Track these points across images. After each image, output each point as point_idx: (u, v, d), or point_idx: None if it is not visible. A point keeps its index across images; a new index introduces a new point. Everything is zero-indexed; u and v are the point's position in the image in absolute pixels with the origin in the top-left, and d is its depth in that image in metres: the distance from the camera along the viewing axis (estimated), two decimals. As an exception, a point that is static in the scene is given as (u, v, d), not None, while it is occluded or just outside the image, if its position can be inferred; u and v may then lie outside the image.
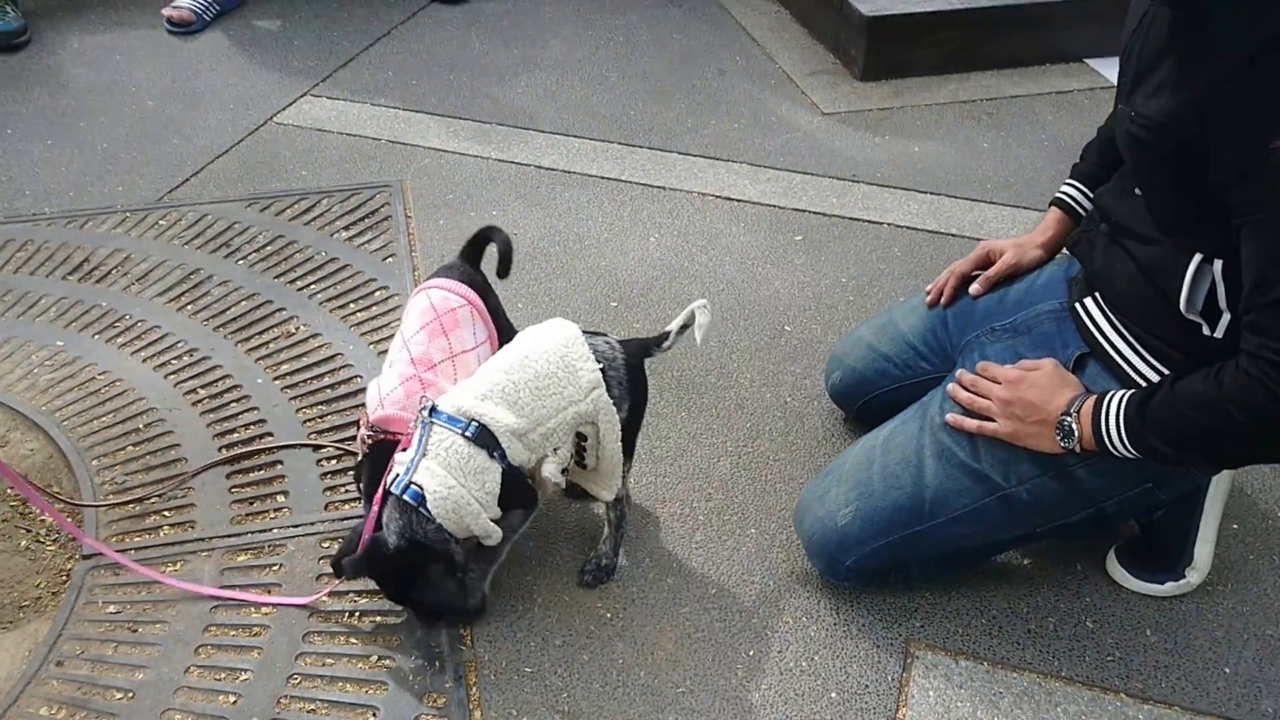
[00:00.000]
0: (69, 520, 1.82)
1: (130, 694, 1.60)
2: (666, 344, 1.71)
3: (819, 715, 1.61)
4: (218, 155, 2.88)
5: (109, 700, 1.59)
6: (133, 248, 2.54)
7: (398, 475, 1.55)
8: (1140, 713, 1.62)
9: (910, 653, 1.69)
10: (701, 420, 2.11)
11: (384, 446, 1.66)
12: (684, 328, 1.70)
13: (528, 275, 2.47)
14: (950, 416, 1.65)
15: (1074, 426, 1.52)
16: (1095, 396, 1.52)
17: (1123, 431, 1.47)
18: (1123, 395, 1.48)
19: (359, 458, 1.74)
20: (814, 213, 2.69)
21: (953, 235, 2.62)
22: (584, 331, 1.65)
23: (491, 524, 1.56)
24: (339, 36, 3.48)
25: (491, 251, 1.95)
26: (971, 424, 1.63)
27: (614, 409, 1.62)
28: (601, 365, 1.61)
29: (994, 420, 1.60)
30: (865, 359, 1.97)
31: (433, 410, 1.57)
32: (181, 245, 2.55)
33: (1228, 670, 1.68)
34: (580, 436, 1.64)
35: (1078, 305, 1.65)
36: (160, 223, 2.62)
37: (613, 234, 2.62)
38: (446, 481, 1.52)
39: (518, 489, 1.59)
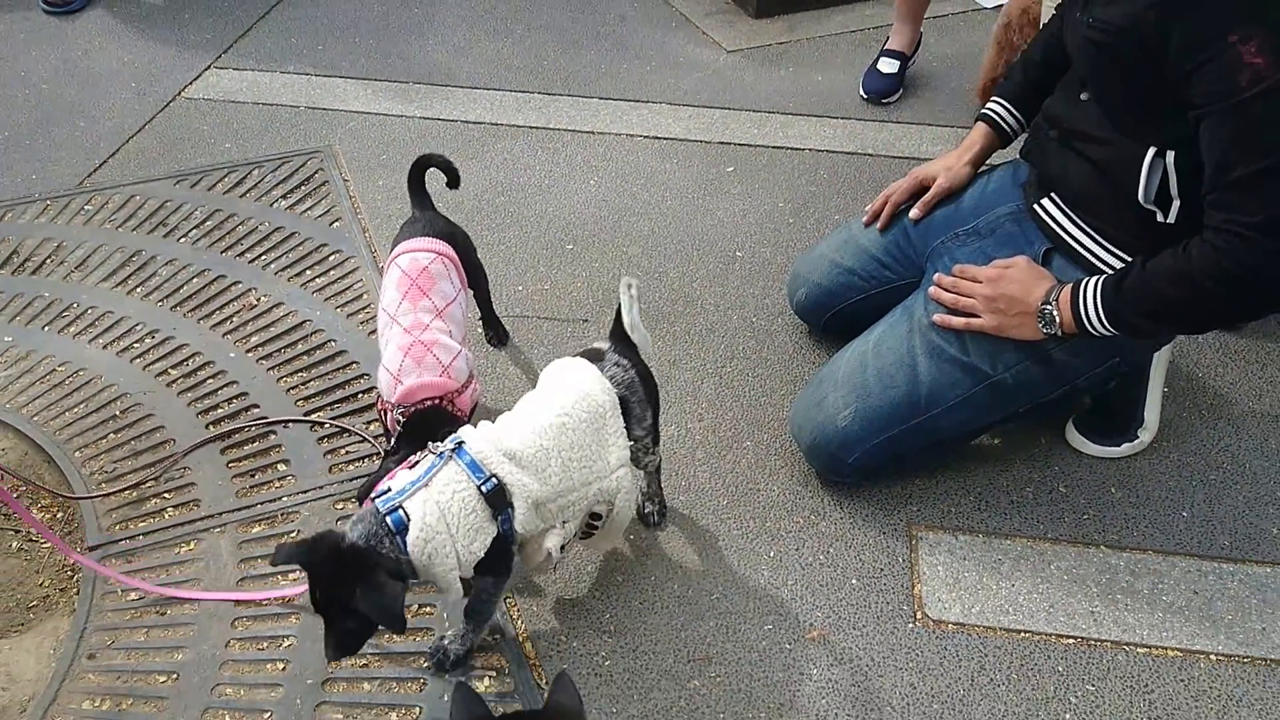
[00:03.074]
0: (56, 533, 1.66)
1: (174, 675, 1.49)
2: (635, 335, 1.54)
3: (845, 601, 1.63)
4: (132, 135, 2.64)
5: (154, 684, 1.48)
6: (62, 235, 2.31)
7: (389, 490, 1.34)
8: (1121, 560, 1.70)
9: (913, 534, 1.73)
10: (678, 347, 2.08)
11: (421, 415, 1.54)
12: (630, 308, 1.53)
13: (479, 227, 2.36)
14: (937, 317, 1.68)
15: (1054, 314, 1.56)
16: (1071, 284, 1.56)
17: (1101, 312, 1.51)
18: (1098, 280, 1.53)
19: (391, 444, 1.57)
20: (739, 144, 2.67)
21: (870, 155, 2.64)
22: (589, 351, 1.52)
23: (455, 580, 1.34)
24: (231, 6, 3.22)
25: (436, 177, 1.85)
26: (959, 321, 1.65)
27: (634, 487, 1.51)
28: (624, 394, 1.48)
29: (979, 316, 1.64)
30: (830, 274, 1.97)
31: (458, 447, 1.37)
32: (115, 228, 2.33)
33: (1185, 514, 1.78)
34: (593, 516, 1.48)
35: (1036, 206, 1.69)
36: (86, 207, 2.39)
37: (552, 180, 2.53)
38: (435, 526, 1.30)
39: (498, 556, 1.37)
